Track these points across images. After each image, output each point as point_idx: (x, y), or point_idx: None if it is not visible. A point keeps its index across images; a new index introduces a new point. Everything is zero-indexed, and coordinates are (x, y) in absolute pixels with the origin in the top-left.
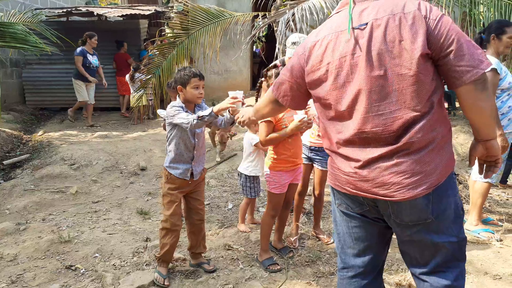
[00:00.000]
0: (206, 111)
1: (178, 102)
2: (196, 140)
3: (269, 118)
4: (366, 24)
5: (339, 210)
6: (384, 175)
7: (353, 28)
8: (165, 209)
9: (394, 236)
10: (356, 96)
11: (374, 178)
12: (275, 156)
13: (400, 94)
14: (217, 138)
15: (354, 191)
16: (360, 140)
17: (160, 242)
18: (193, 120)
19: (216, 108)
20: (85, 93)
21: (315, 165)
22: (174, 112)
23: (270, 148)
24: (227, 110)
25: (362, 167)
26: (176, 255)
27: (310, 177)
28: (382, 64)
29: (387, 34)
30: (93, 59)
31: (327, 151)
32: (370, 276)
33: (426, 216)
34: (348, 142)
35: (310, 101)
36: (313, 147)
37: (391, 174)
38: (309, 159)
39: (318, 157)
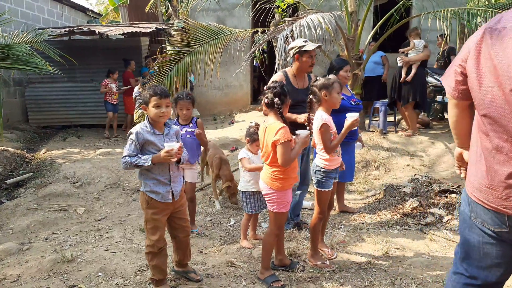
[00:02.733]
0: (147, 160)
1: (143, 123)
2: None
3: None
4: None
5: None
6: None
7: None
8: (149, 234)
9: None
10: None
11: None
12: (282, 176)
13: None
14: (219, 183)
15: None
16: (510, 149)
17: (150, 265)
18: (129, 165)
19: (155, 159)
20: None
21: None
22: (127, 141)
23: (270, 170)
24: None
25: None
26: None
27: None
28: None
29: None
30: None
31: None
32: None
33: None
34: (497, 150)
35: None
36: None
37: None
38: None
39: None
